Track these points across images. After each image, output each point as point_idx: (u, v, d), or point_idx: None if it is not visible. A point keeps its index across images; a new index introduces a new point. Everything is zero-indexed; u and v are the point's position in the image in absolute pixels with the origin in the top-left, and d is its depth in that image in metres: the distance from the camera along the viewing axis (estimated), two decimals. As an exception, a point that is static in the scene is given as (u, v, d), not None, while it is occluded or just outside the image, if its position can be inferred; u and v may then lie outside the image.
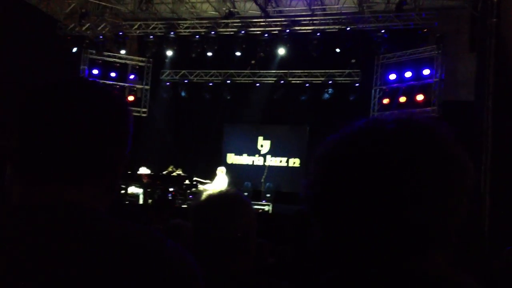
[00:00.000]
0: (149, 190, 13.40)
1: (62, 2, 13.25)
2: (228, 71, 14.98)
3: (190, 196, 12.97)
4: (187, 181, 13.14)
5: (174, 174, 13.47)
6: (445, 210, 0.87)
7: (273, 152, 15.78)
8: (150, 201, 12.94)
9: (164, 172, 13.54)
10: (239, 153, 15.96)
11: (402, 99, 13.74)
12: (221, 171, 12.85)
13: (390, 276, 0.87)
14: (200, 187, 12.92)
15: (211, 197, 1.95)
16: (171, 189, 13.20)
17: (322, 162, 0.95)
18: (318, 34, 13.41)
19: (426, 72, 13.31)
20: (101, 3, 13.31)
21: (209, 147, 15.54)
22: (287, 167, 15.69)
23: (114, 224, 1.03)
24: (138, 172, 13.27)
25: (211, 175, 13.13)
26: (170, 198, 12.93)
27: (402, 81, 13.78)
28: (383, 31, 13.09)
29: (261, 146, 15.83)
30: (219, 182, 12.51)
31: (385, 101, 14.09)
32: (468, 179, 0.89)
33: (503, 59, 10.91)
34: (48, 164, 1.05)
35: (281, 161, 15.76)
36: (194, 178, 13.15)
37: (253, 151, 15.89)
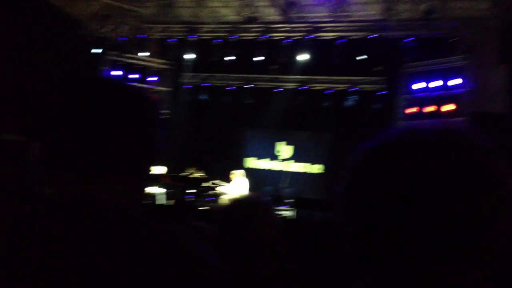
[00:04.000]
0: (169, 191, 13.44)
1: (86, 4, 13.25)
2: (249, 75, 14.79)
3: (208, 199, 12.94)
4: (206, 184, 13.11)
5: (195, 176, 13.44)
6: (488, 224, 0.85)
7: (294, 157, 15.61)
8: (170, 202, 12.98)
9: (185, 174, 13.53)
10: (259, 157, 15.84)
11: (429, 108, 13.34)
12: (239, 174, 12.73)
13: None
14: (219, 189, 12.86)
15: (236, 201, 1.94)
16: (191, 191, 13.19)
17: (357, 170, 0.93)
18: (342, 40, 13.02)
19: (455, 82, 12.86)
20: (123, 5, 13.26)
21: (228, 150, 15.44)
22: (309, 173, 15.51)
23: (146, 224, 1.04)
24: (153, 172, 13.22)
25: (230, 179, 13.05)
26: (190, 199, 12.95)
27: (429, 91, 13.36)
28: (410, 39, 12.62)
29: (282, 151, 15.66)
30: (238, 185, 12.41)
31: (411, 110, 13.70)
32: (510, 191, 0.87)
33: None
34: (80, 162, 1.06)
35: (303, 167, 15.57)
36: (213, 181, 13.11)
37: (273, 156, 15.74)
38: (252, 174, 14.74)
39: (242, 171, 12.82)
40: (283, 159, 15.67)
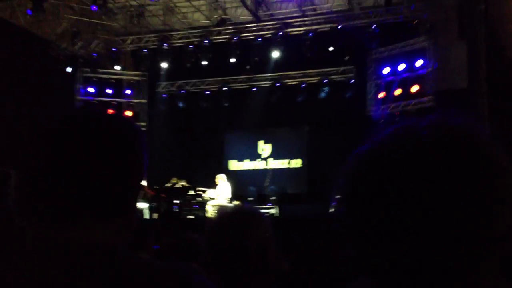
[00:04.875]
0: (154, 204, 13.31)
1: (53, 23, 13.20)
2: (224, 78, 15.06)
3: (195, 206, 12.91)
4: (191, 192, 13.08)
5: (178, 185, 13.38)
6: (490, 219, 0.80)
7: (275, 155, 15.87)
8: (156, 215, 12.86)
9: (168, 185, 13.45)
10: (241, 159, 16.02)
11: (398, 91, 13.87)
12: (222, 178, 12.79)
13: None
14: (204, 195, 12.86)
15: (226, 214, 1.95)
16: (176, 201, 13.10)
17: (352, 176, 0.89)
18: (311, 34, 13.54)
19: (419, 63, 13.46)
20: (92, 20, 13.31)
21: (210, 155, 15.54)
22: (290, 169, 15.76)
23: (138, 263, 1.01)
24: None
25: (214, 184, 13.09)
26: (176, 210, 12.86)
27: (396, 74, 13.90)
28: (374, 26, 13.25)
29: (263, 150, 15.91)
30: (222, 190, 12.46)
31: (381, 95, 14.20)
32: (509, 184, 0.83)
33: (493, 44, 11.08)
34: (63, 204, 1.00)
35: (283, 163, 15.82)
36: (197, 188, 13.10)
37: (255, 155, 15.96)
38: (236, 176, 14.90)
39: (224, 175, 12.91)
40: (264, 158, 15.90)
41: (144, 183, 13.20)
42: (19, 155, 1.05)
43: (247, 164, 16.01)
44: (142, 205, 13.38)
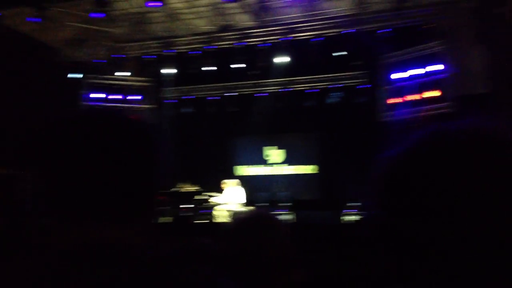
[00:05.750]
0: (165, 208, 13.31)
1: (59, 30, 13.18)
2: (230, 83, 14.82)
3: (203, 211, 12.85)
4: (198, 197, 13.01)
5: (187, 190, 13.34)
6: None
7: (286, 160, 15.64)
8: (169, 219, 12.89)
9: (175, 189, 13.43)
10: (249, 164, 15.85)
11: (412, 97, 13.39)
12: (233, 183, 12.63)
13: None
14: (213, 201, 12.77)
15: (245, 218, 1.88)
16: (187, 206, 13.09)
17: (389, 179, 0.88)
18: (318, 39, 13.06)
19: (434, 68, 12.95)
20: (97, 27, 13.21)
21: (218, 161, 15.43)
22: (303, 175, 15.52)
23: (164, 264, 0.99)
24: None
25: (221, 189, 12.97)
26: (185, 215, 12.84)
27: (410, 79, 13.42)
28: (385, 30, 12.67)
29: (273, 155, 15.68)
30: (232, 195, 12.32)
31: (394, 100, 13.73)
32: None
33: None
34: (87, 203, 1.01)
35: (295, 169, 15.59)
36: (206, 193, 13.02)
37: (264, 161, 15.75)
38: (244, 181, 14.71)
39: (236, 180, 12.74)
40: (275, 164, 15.68)
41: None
42: (31, 157, 1.05)
43: (256, 170, 15.80)
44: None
